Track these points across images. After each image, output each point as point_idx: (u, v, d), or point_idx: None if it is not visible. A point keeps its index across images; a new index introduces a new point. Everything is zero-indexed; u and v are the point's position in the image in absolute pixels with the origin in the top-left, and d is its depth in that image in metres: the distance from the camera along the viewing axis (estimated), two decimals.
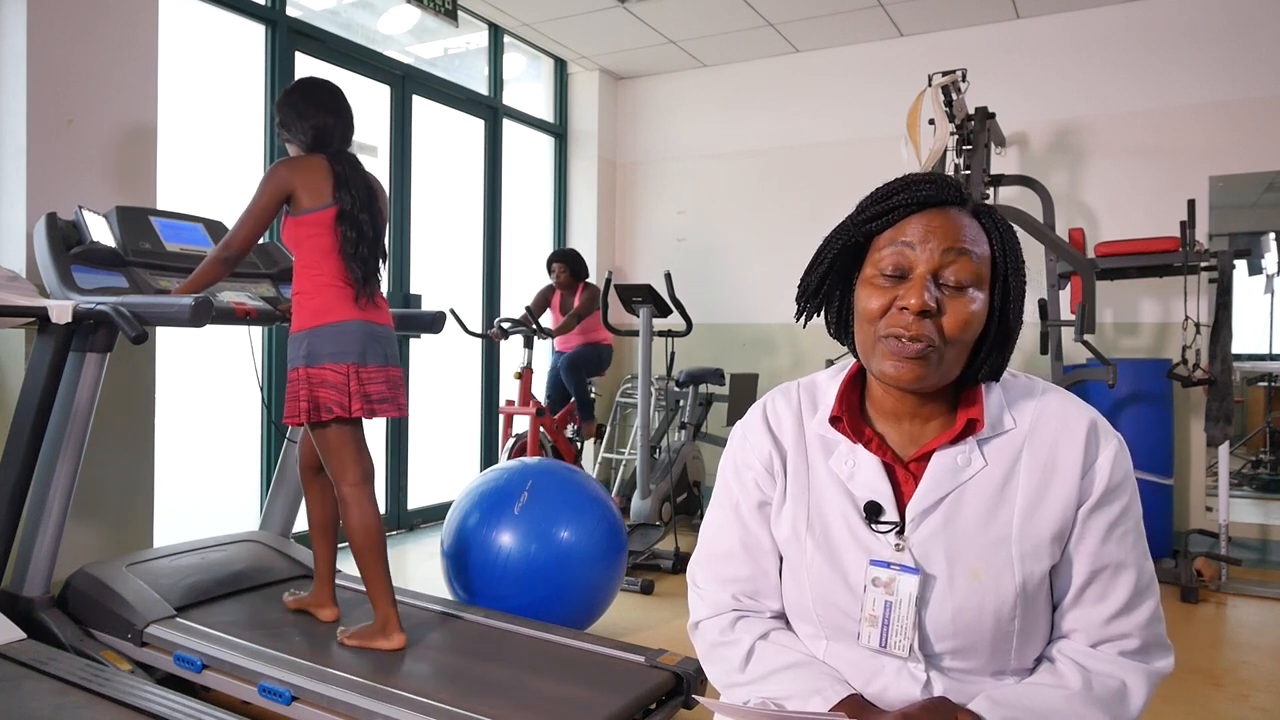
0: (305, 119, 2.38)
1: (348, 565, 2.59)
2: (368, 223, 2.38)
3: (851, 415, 1.02)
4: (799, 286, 1.02)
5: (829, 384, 1.07)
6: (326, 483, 2.51)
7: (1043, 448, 0.96)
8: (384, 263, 2.46)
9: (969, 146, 3.93)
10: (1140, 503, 0.98)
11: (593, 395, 5.03)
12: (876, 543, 0.97)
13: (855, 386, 1.05)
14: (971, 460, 0.96)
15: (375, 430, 4.14)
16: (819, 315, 1.04)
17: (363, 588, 2.72)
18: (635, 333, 4.41)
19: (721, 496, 1.11)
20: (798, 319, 1.04)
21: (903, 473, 1.00)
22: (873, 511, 0.97)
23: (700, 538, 1.14)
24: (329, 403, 2.31)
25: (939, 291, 0.92)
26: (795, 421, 1.06)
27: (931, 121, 3.65)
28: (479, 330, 4.80)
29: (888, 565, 0.95)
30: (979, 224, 0.95)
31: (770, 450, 1.06)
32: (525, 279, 5.41)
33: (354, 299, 2.35)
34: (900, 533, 0.96)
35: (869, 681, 0.97)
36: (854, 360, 1.05)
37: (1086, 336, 3.52)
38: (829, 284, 1.00)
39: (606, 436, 5.68)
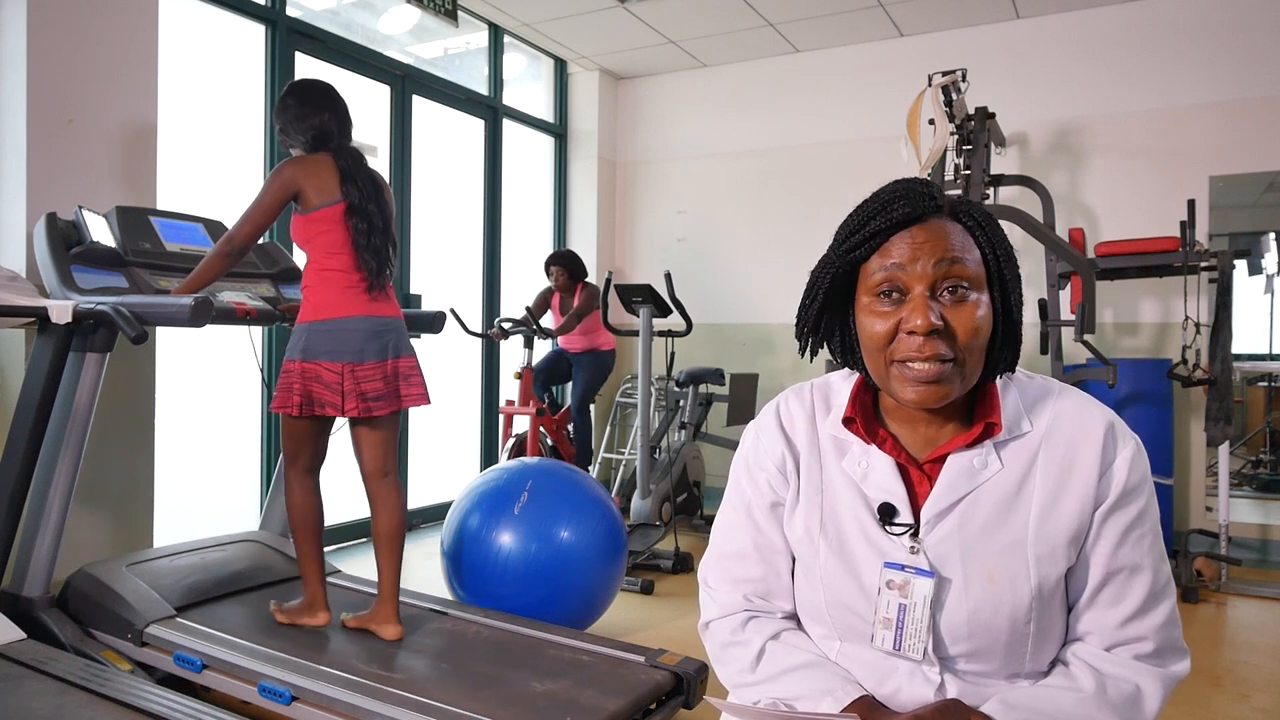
0: (302, 121, 2.41)
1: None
2: (377, 214, 2.41)
3: (865, 416, 1.01)
4: (797, 322, 1.01)
5: (843, 385, 1.06)
6: (311, 482, 2.50)
7: (1059, 449, 0.95)
8: (394, 252, 2.49)
9: (969, 146, 3.93)
10: (1158, 505, 0.96)
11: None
12: (891, 545, 0.96)
13: (869, 387, 1.04)
14: (988, 463, 0.95)
15: None
16: (823, 348, 1.02)
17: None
18: (635, 333, 4.41)
19: (733, 497, 1.10)
20: (802, 354, 1.02)
21: (917, 474, 0.99)
22: (886, 513, 0.96)
23: (712, 538, 1.13)
24: (323, 400, 2.33)
25: (941, 306, 0.90)
26: (808, 422, 1.06)
27: (931, 121, 3.65)
28: (479, 330, 4.79)
29: (902, 568, 0.94)
30: (961, 226, 0.93)
31: (783, 451, 1.05)
32: (525, 279, 5.40)
33: (366, 291, 2.39)
34: (915, 535, 0.95)
35: (881, 683, 0.97)
36: None
37: (1086, 336, 3.51)
38: (827, 316, 0.99)
39: (606, 437, 5.68)
